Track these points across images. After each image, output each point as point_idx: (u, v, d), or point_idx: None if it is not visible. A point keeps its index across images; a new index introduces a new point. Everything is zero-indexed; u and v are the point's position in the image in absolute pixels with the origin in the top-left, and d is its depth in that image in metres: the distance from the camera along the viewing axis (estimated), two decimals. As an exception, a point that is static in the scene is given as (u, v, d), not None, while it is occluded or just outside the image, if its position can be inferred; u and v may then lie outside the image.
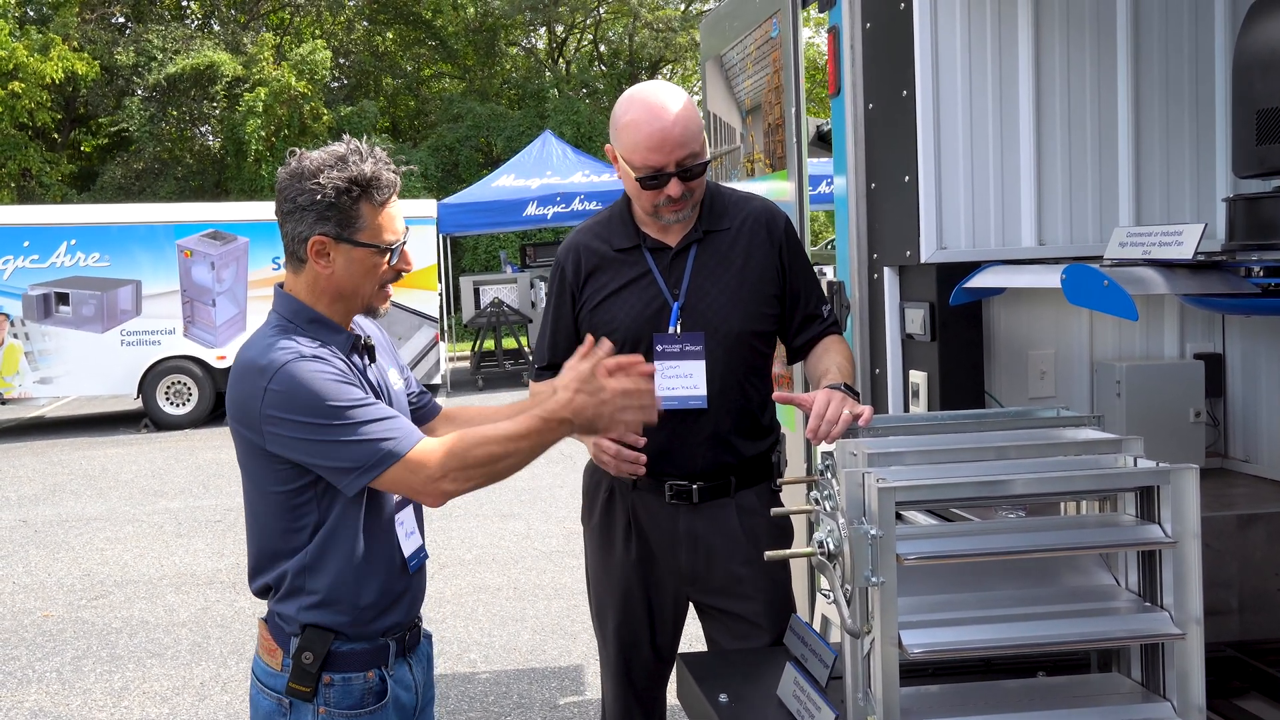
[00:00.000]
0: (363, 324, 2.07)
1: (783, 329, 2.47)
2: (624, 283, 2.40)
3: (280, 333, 1.88)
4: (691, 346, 2.34)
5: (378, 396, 1.95)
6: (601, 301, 2.41)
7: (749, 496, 2.43)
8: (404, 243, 1.94)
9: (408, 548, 1.97)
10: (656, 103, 2.28)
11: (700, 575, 2.44)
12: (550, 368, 2.51)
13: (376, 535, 1.92)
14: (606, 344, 1.93)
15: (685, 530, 2.41)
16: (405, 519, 1.99)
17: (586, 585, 2.60)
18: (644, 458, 2.29)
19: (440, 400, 2.36)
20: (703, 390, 2.33)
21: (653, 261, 2.39)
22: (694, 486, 2.38)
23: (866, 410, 2.02)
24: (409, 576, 1.98)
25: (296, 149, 1.91)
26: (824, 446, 1.92)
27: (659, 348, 2.34)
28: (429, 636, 2.13)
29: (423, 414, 2.19)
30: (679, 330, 2.34)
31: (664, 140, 2.25)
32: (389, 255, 1.91)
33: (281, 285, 1.97)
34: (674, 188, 2.28)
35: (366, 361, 1.98)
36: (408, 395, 2.15)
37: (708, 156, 2.35)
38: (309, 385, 1.79)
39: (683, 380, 2.33)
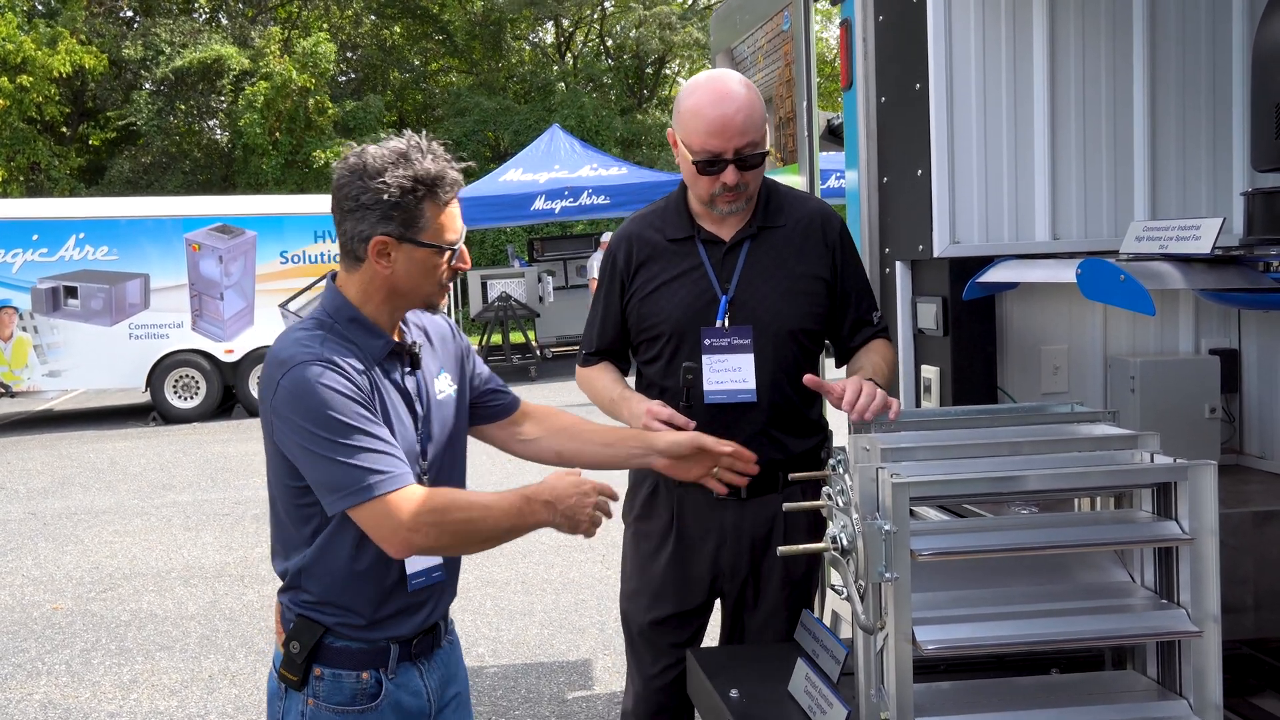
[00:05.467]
0: (423, 321, 2.00)
1: (833, 332, 2.44)
2: (675, 274, 2.37)
3: (314, 328, 1.83)
4: (740, 340, 2.31)
5: (409, 405, 1.89)
6: (651, 292, 2.39)
7: (796, 493, 2.41)
8: (463, 241, 1.88)
9: (412, 565, 1.90)
10: (721, 88, 2.26)
11: (736, 568, 2.42)
12: (597, 354, 2.51)
13: (374, 549, 1.83)
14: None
15: (730, 525, 2.39)
16: None
17: (622, 579, 2.57)
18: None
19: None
20: (751, 384, 2.30)
21: (705, 254, 2.37)
22: None
23: (895, 402, 2.01)
24: (408, 595, 1.91)
25: (356, 144, 1.84)
26: (835, 442, 1.91)
27: (706, 341, 2.32)
28: (455, 643, 2.07)
29: (498, 409, 2.12)
30: (727, 324, 2.32)
31: (725, 125, 2.22)
32: (450, 255, 1.86)
33: (334, 276, 1.90)
34: (730, 175, 2.26)
35: (406, 369, 1.91)
36: (485, 389, 2.09)
37: (767, 148, 2.31)
38: (316, 393, 1.74)
39: (731, 374, 2.31)
